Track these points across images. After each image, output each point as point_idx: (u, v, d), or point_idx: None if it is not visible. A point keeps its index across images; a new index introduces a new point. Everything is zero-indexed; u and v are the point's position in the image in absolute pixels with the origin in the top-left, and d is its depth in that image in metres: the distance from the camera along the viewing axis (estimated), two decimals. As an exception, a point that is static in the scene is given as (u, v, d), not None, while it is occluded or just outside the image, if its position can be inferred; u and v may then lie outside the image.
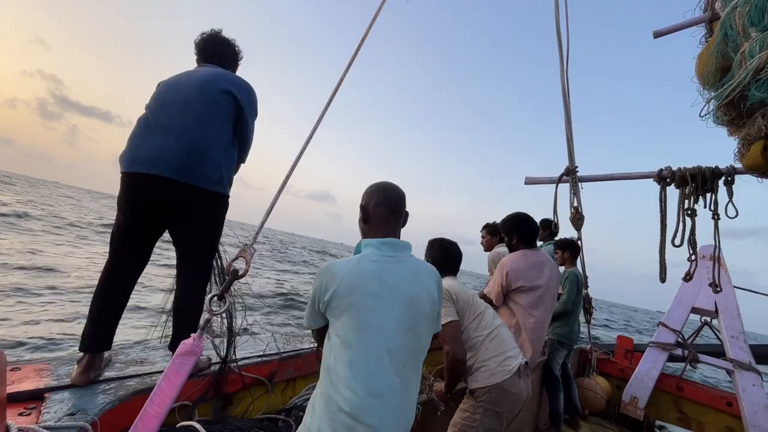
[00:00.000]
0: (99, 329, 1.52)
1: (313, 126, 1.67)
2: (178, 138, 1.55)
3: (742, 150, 1.72)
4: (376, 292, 1.05)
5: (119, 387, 1.44)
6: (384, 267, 1.10)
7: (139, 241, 1.63)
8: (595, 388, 3.42)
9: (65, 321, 5.29)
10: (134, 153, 1.57)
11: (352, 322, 1.03)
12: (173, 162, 1.52)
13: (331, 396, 1.01)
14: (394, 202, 1.22)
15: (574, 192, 3.27)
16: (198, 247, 1.71)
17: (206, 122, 1.61)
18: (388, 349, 1.03)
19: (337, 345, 1.04)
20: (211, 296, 1.14)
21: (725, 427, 3.12)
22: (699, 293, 3.37)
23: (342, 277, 1.05)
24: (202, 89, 1.64)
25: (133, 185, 1.56)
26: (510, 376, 1.58)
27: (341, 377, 1.00)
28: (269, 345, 2.22)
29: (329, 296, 1.05)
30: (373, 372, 1.01)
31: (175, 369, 1.00)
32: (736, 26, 1.63)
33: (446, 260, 1.93)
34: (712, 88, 1.75)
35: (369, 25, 2.05)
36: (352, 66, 1.92)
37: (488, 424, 1.56)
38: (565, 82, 3.36)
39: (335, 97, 1.79)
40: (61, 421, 1.15)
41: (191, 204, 1.59)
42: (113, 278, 1.57)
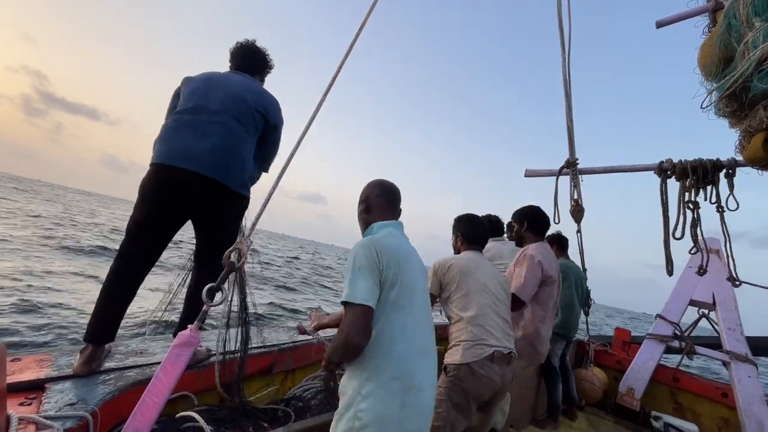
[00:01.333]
0: (106, 321, 1.54)
1: (308, 121, 1.66)
2: (220, 140, 1.66)
3: (743, 142, 1.70)
4: (408, 259, 1.20)
5: (119, 377, 1.46)
6: (404, 241, 1.28)
7: (157, 234, 1.64)
8: (592, 380, 3.45)
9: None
10: (170, 146, 1.63)
11: (403, 287, 1.12)
12: (211, 161, 1.62)
13: (381, 367, 1.04)
14: (392, 194, 1.39)
15: (574, 184, 3.26)
16: (220, 244, 1.74)
17: (241, 131, 1.74)
18: (424, 311, 1.19)
19: (388, 311, 1.09)
20: (208, 287, 1.14)
21: (720, 418, 3.15)
22: (697, 286, 3.38)
23: (388, 246, 1.16)
24: (241, 101, 1.76)
25: (166, 178, 1.60)
26: (480, 359, 1.59)
27: (393, 340, 1.07)
28: (269, 336, 2.24)
29: (385, 263, 1.11)
30: (419, 331, 1.14)
31: (172, 360, 1.01)
32: (739, 16, 1.60)
33: (472, 232, 2.01)
34: (714, 79, 1.72)
35: (363, 21, 2.02)
36: (347, 65, 1.91)
37: (455, 398, 1.61)
38: (567, 68, 3.32)
39: (328, 95, 1.78)
40: (62, 410, 1.16)
41: (222, 203, 1.70)
42: (124, 270, 1.58)
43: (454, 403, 1.61)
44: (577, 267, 3.40)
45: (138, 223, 1.59)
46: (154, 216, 1.60)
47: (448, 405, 1.60)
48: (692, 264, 3.42)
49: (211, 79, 1.79)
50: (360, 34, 1.98)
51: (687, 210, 2.35)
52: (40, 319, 4.85)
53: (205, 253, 1.78)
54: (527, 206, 2.51)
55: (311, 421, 1.56)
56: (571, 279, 3.23)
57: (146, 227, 1.60)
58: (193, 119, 1.67)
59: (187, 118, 1.68)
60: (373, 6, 2.11)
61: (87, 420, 1.15)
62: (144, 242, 1.61)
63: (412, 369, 1.06)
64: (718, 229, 2.37)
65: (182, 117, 1.69)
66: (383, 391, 1.02)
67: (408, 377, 1.05)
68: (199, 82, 1.77)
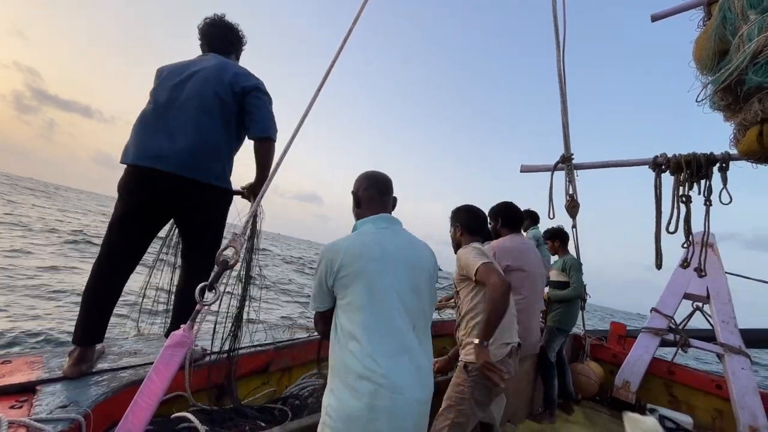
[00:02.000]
0: (91, 322, 1.51)
1: (300, 118, 1.63)
2: (187, 135, 1.59)
3: (738, 135, 1.70)
4: (378, 257, 1.13)
5: (112, 379, 1.44)
6: (381, 237, 1.19)
7: (137, 234, 1.62)
8: (588, 374, 3.48)
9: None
10: (141, 146, 1.59)
11: (362, 287, 1.09)
12: (181, 158, 1.57)
13: (348, 366, 1.04)
14: (382, 185, 1.34)
15: (569, 180, 3.26)
16: (205, 241, 1.75)
17: (209, 122, 1.65)
18: (398, 309, 1.10)
19: (349, 313, 1.10)
20: (201, 286, 1.12)
21: (714, 409, 3.19)
22: (691, 279, 3.40)
23: (345, 249, 1.14)
24: (209, 90, 1.67)
25: (139, 178, 1.57)
26: (503, 357, 1.66)
27: (358, 343, 1.05)
28: (265, 335, 2.23)
29: (336, 268, 1.12)
30: (388, 332, 1.07)
31: (165, 361, 1.00)
32: (734, 8, 1.59)
33: (473, 222, 1.97)
34: (709, 72, 1.72)
35: (355, 18, 1.99)
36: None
37: (478, 396, 1.63)
38: (561, 66, 3.31)
39: (322, 90, 1.75)
40: (53, 413, 1.14)
41: (199, 200, 1.65)
42: (107, 270, 1.55)
43: (477, 400, 1.63)
44: (578, 262, 3.40)
45: (117, 223, 1.57)
46: (131, 216, 1.58)
47: (471, 403, 1.62)
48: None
49: (180, 70, 1.72)
50: (353, 29, 1.95)
51: (680, 204, 2.36)
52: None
53: (192, 251, 1.76)
54: (500, 203, 2.57)
55: (308, 420, 1.55)
56: (580, 272, 3.25)
57: (125, 227, 1.58)
58: (160, 116, 1.63)
59: (154, 116, 1.64)
60: (365, 3, 2.06)
61: (79, 422, 1.13)
62: (124, 242, 1.58)
63: (381, 371, 1.01)
64: (711, 223, 2.38)
65: (149, 114, 1.65)
66: (350, 389, 1.02)
67: (377, 377, 1.00)
68: (168, 75, 1.72)
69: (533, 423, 2.90)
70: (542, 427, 2.85)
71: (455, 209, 2.06)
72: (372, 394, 1.00)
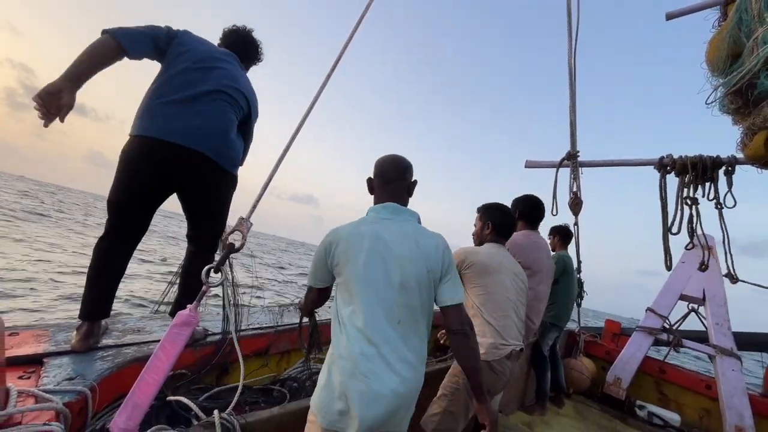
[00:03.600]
0: (97, 297, 1.54)
1: (302, 117, 1.63)
2: (214, 119, 1.67)
3: (745, 140, 1.70)
4: (369, 248, 1.13)
5: (117, 354, 1.47)
6: (379, 227, 1.18)
7: (141, 209, 1.62)
8: (580, 369, 3.53)
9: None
10: (166, 121, 1.58)
11: (350, 276, 1.13)
12: (207, 139, 1.63)
13: (335, 344, 1.14)
14: (388, 173, 1.30)
15: (574, 177, 3.26)
16: (213, 224, 1.78)
17: (232, 113, 1.77)
18: (379, 302, 1.11)
19: (342, 297, 1.17)
20: (207, 268, 1.14)
21: (702, 409, 3.25)
22: (689, 281, 3.43)
23: (342, 236, 1.18)
24: (235, 83, 1.79)
25: (159, 152, 1.56)
26: (500, 359, 1.66)
27: (345, 326, 1.12)
28: (266, 318, 2.26)
29: (333, 252, 1.17)
30: (368, 322, 1.09)
31: (171, 339, 1.02)
32: (751, 10, 1.57)
33: (507, 224, 1.96)
34: (720, 74, 1.71)
35: (358, 20, 1.96)
36: (346, 59, 1.86)
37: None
38: (572, 65, 3.28)
39: (322, 93, 1.74)
40: (61, 385, 1.17)
41: (214, 181, 1.71)
42: (111, 246, 1.57)
43: (470, 392, 1.63)
44: (568, 257, 3.40)
45: (120, 196, 1.55)
46: (138, 190, 1.57)
47: (465, 395, 1.64)
48: (685, 259, 3.46)
49: (205, 54, 1.76)
50: (356, 31, 1.92)
51: (685, 206, 2.37)
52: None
53: (200, 231, 1.79)
54: (524, 195, 2.50)
55: (306, 402, 1.58)
56: (570, 272, 3.26)
57: (129, 201, 1.57)
58: (187, 96, 1.63)
59: (181, 94, 1.63)
60: (368, 6, 2.01)
61: (86, 394, 1.17)
62: (127, 216, 1.58)
63: (358, 358, 1.06)
64: (710, 226, 2.39)
65: (175, 89, 1.64)
66: (334, 365, 1.10)
67: (355, 360, 1.06)
68: (196, 54, 1.73)
69: (524, 414, 2.96)
70: (533, 418, 2.92)
71: (488, 206, 2.02)
72: (349, 374, 1.06)
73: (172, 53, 1.68)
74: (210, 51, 1.80)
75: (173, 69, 1.66)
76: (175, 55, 1.69)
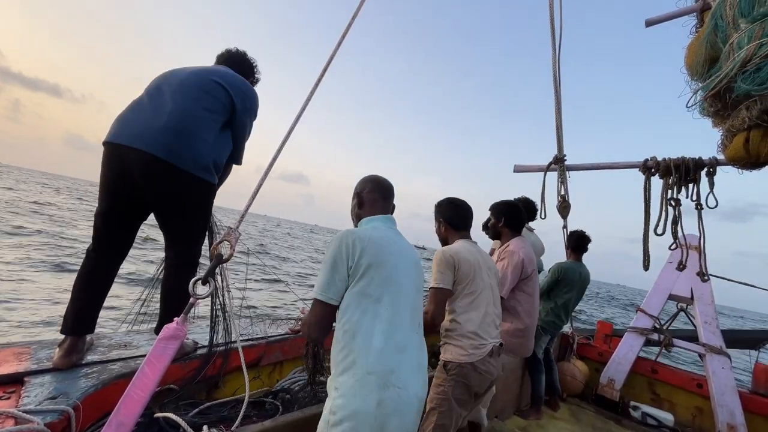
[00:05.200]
0: (82, 312, 1.49)
1: (299, 110, 1.63)
2: (169, 117, 1.50)
3: (726, 141, 1.74)
4: (396, 252, 1.17)
5: (102, 371, 1.43)
6: (393, 235, 1.24)
7: (122, 222, 1.58)
8: (574, 373, 3.55)
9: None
10: (121, 125, 1.52)
11: (381, 279, 1.08)
12: (161, 139, 1.46)
13: (356, 361, 1.02)
14: (386, 190, 1.38)
15: (561, 180, 3.30)
16: (184, 235, 1.67)
17: (198, 108, 1.57)
18: (406, 305, 1.13)
19: (362, 304, 1.06)
20: (195, 280, 1.12)
21: (694, 407, 3.28)
22: (677, 281, 3.48)
23: (368, 237, 1.13)
24: (198, 77, 1.65)
25: (114, 158, 1.49)
26: (482, 358, 1.64)
27: (369, 334, 1.04)
28: (256, 329, 2.22)
29: (359, 254, 1.08)
30: (398, 326, 1.08)
31: (158, 353, 0.99)
32: (726, 16, 1.63)
33: (459, 217, 1.89)
34: (699, 78, 1.76)
35: (355, 11, 1.98)
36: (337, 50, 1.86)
37: (459, 394, 1.63)
38: (557, 70, 3.34)
39: (322, 80, 1.74)
40: (42, 404, 1.13)
41: (176, 187, 1.53)
42: (96, 261, 1.53)
43: (457, 399, 1.63)
44: (587, 272, 3.39)
45: (100, 210, 1.53)
46: (112, 202, 1.53)
47: (452, 403, 1.62)
48: (672, 259, 3.52)
49: (181, 68, 1.71)
50: (353, 22, 1.94)
51: (669, 207, 2.41)
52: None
53: (172, 247, 1.66)
54: (504, 202, 2.53)
55: (299, 414, 1.56)
56: (576, 284, 3.27)
57: (108, 215, 1.53)
58: (150, 98, 1.57)
59: (145, 98, 1.59)
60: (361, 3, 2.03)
61: (69, 414, 1.13)
62: (108, 231, 1.55)
63: (390, 365, 1.02)
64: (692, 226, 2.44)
65: (140, 97, 1.60)
66: (358, 386, 0.99)
67: (386, 373, 1.00)
68: (169, 70, 1.70)
69: (520, 419, 2.95)
70: (529, 423, 2.91)
71: (438, 203, 1.96)
72: (380, 389, 0.99)
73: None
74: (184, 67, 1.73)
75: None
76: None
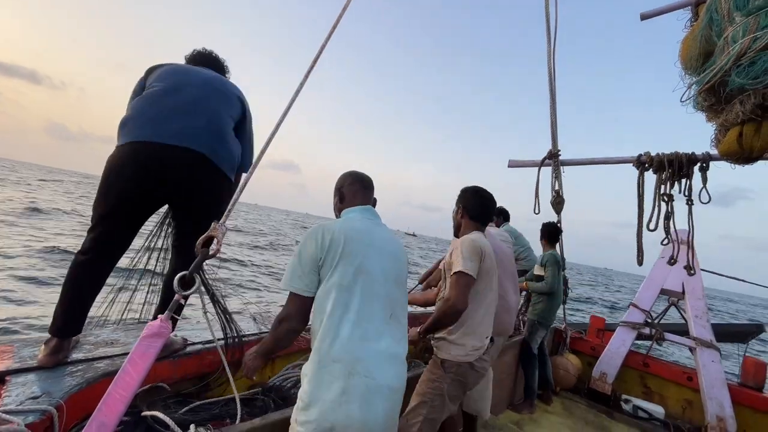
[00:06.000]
0: (72, 313, 1.44)
1: (289, 101, 1.59)
2: (209, 120, 1.57)
3: (719, 136, 1.74)
4: (368, 242, 1.16)
5: (87, 369, 1.39)
6: (369, 225, 1.24)
7: (129, 221, 1.51)
8: (566, 367, 3.57)
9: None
10: (156, 123, 1.49)
11: (351, 269, 1.10)
12: (204, 139, 1.53)
13: (324, 349, 1.04)
14: (366, 182, 1.38)
15: (555, 176, 3.30)
16: (204, 229, 1.64)
17: (225, 114, 1.68)
18: (379, 295, 1.12)
19: (333, 294, 1.08)
20: (180, 276, 1.09)
21: (684, 400, 3.32)
22: (668, 276, 3.51)
23: (337, 230, 1.15)
24: (220, 82, 1.73)
25: (152, 156, 1.45)
26: (479, 357, 1.66)
27: (337, 323, 1.05)
28: (246, 325, 2.20)
29: (328, 244, 1.11)
30: (368, 317, 1.08)
31: (141, 351, 0.97)
32: (721, 10, 1.61)
33: (480, 208, 1.82)
34: (693, 72, 1.75)
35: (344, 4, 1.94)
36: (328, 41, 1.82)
37: (453, 392, 1.63)
38: (552, 66, 3.33)
39: (311, 72, 1.71)
40: (24, 404, 1.10)
41: (213, 184, 1.61)
42: (92, 262, 1.46)
43: (451, 396, 1.63)
44: (558, 255, 3.44)
45: (107, 211, 1.46)
46: (124, 203, 1.46)
47: (445, 399, 1.61)
48: (664, 254, 3.55)
49: (184, 66, 1.74)
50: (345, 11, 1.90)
51: (662, 202, 2.42)
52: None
53: (188, 239, 1.58)
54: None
55: (289, 411, 1.54)
56: (556, 270, 3.28)
57: (116, 215, 1.47)
58: (175, 98, 1.56)
59: (168, 97, 1.56)
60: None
61: (51, 414, 1.10)
62: (113, 231, 1.48)
63: (356, 354, 1.02)
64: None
65: (161, 95, 1.56)
66: (324, 373, 1.01)
67: (351, 362, 1.01)
68: (173, 66, 1.69)
69: (513, 413, 2.97)
70: (522, 417, 2.93)
71: (464, 188, 1.92)
72: (345, 377, 1.00)
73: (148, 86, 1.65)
74: (185, 66, 1.77)
75: (154, 81, 1.62)
76: (153, 79, 1.66)
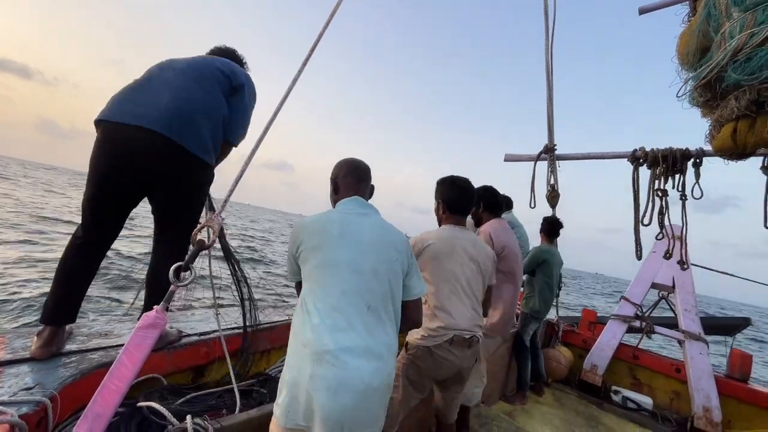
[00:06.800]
0: (63, 301, 1.43)
1: (284, 94, 1.57)
2: (172, 98, 1.49)
3: (713, 132, 1.76)
4: (338, 234, 1.15)
5: (81, 360, 1.38)
6: (347, 216, 1.22)
7: (112, 208, 1.50)
8: (558, 359, 3.63)
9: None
10: (121, 104, 1.47)
11: (317, 262, 1.13)
12: (166, 119, 1.44)
13: (298, 335, 1.09)
14: (361, 172, 1.36)
15: (551, 170, 3.32)
16: (180, 219, 1.62)
17: (200, 92, 1.59)
18: (354, 287, 1.10)
19: (308, 285, 1.14)
20: (175, 267, 1.08)
21: (672, 391, 3.40)
22: (659, 270, 3.56)
23: (309, 224, 1.20)
24: (200, 62, 1.68)
25: (113, 137, 1.42)
26: (440, 343, 1.60)
27: (308, 315, 1.08)
28: (243, 317, 2.19)
29: (299, 242, 1.18)
30: (335, 307, 1.07)
31: (136, 342, 0.96)
32: (719, 5, 1.62)
33: (455, 198, 1.78)
34: (690, 68, 1.76)
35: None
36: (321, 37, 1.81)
37: (411, 375, 1.65)
38: (550, 60, 3.32)
39: (304, 68, 1.69)
40: (17, 395, 1.09)
41: (177, 168, 1.51)
42: (81, 249, 1.46)
43: (410, 379, 1.65)
44: (558, 254, 3.46)
45: (89, 197, 1.45)
46: (103, 187, 1.45)
47: (404, 381, 1.64)
48: (656, 249, 3.60)
49: (180, 58, 1.72)
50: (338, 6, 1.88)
51: (656, 197, 2.44)
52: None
53: (166, 230, 1.62)
54: (480, 187, 2.42)
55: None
56: (553, 265, 3.31)
57: (100, 201, 1.46)
58: (149, 80, 1.55)
59: (143, 79, 1.55)
60: None
61: (45, 405, 1.09)
62: (97, 219, 1.47)
63: (325, 342, 1.02)
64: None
65: (138, 79, 1.56)
66: (297, 357, 1.06)
67: (319, 348, 1.01)
68: (170, 58, 1.69)
69: (506, 404, 3.01)
70: (514, 408, 2.97)
71: (439, 180, 1.83)
72: (313, 363, 1.01)
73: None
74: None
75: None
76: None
